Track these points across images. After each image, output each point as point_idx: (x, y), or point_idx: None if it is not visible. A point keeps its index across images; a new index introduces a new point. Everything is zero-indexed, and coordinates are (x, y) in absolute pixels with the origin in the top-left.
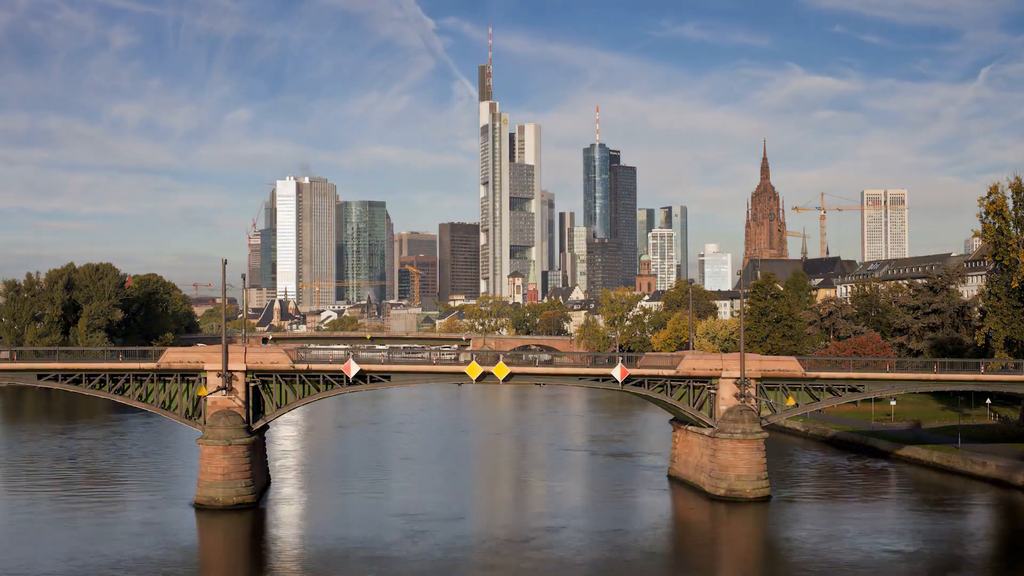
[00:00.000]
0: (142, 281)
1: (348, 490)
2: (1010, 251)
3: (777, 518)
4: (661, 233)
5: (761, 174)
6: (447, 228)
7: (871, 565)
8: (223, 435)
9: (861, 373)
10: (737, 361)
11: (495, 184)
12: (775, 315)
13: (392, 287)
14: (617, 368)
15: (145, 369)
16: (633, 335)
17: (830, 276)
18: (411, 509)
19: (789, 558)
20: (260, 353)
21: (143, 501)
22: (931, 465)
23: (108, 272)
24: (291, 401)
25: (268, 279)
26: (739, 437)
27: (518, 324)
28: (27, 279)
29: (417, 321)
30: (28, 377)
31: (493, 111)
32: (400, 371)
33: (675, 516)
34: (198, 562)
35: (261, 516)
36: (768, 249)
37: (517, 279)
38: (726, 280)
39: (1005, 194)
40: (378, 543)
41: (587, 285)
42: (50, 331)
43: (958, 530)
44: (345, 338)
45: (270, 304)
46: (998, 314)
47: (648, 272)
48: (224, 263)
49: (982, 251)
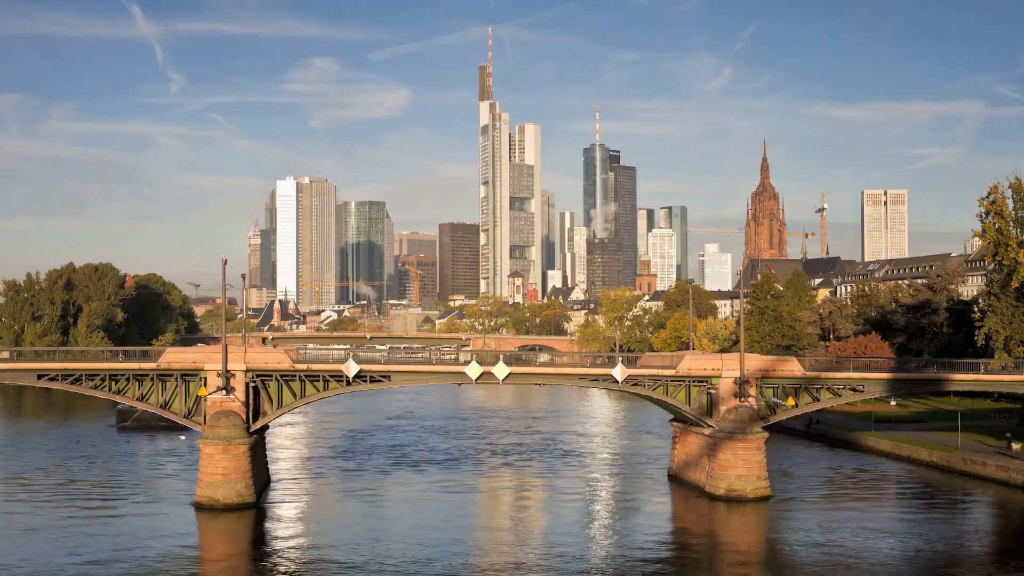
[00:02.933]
0: (142, 281)
1: (348, 490)
2: (1010, 251)
3: (777, 518)
4: (661, 233)
5: (761, 174)
6: (447, 228)
7: (871, 565)
8: (223, 435)
9: (861, 373)
10: (737, 361)
11: (495, 184)
12: (775, 315)
13: (392, 287)
14: (617, 368)
15: (145, 369)
16: (633, 335)
17: (830, 276)
18: (410, 509)
19: (789, 558)
20: (260, 353)
21: (143, 501)
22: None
23: (108, 272)
24: (291, 401)
25: (268, 279)
26: (739, 437)
27: (518, 324)
28: (27, 279)
29: (417, 321)
30: (28, 377)
31: (493, 111)
32: (400, 371)
33: (675, 516)
34: (198, 562)
35: (261, 516)
36: (768, 249)
37: (517, 279)
38: (726, 280)
39: (1005, 194)
40: (378, 543)
41: (587, 285)
42: (50, 331)
43: (958, 529)
44: (345, 338)
45: (270, 304)
46: (998, 314)
47: (648, 272)
48: (224, 263)
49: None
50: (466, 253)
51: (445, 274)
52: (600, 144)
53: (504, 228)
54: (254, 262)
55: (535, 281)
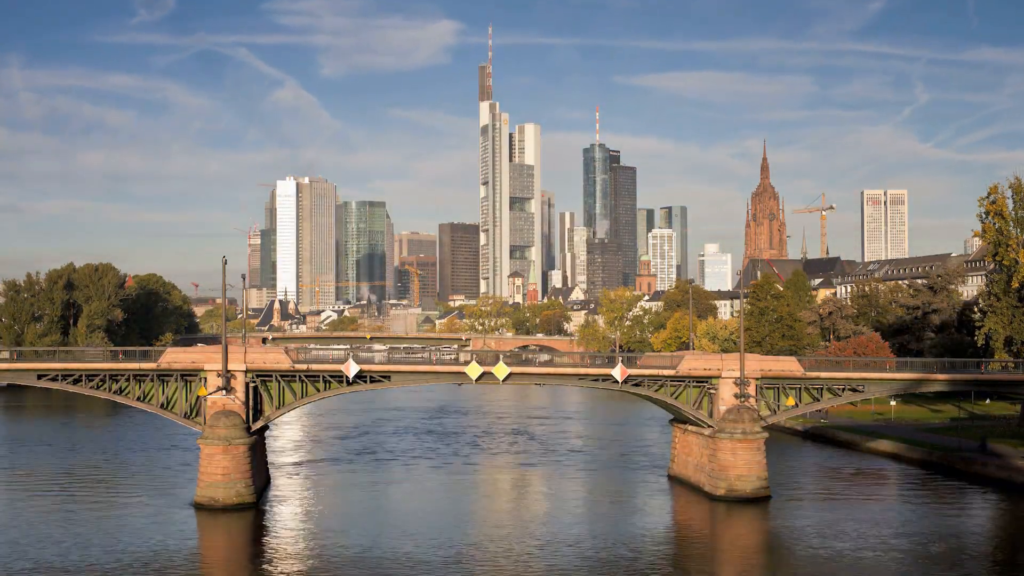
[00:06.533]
0: (142, 281)
1: (348, 490)
2: (1010, 251)
3: (777, 518)
4: (661, 233)
5: (761, 174)
6: (447, 228)
7: (872, 564)
8: (223, 435)
9: (861, 373)
10: (737, 361)
11: (495, 184)
12: (775, 315)
13: (392, 287)
14: (617, 368)
15: (145, 369)
16: (633, 335)
17: (830, 276)
18: (410, 509)
19: (789, 558)
20: (260, 353)
21: (143, 501)
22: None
23: (108, 272)
24: (291, 401)
25: (268, 279)
26: (739, 437)
27: (518, 324)
28: (27, 279)
29: (417, 321)
30: (28, 377)
31: (493, 111)
32: (400, 371)
33: (675, 516)
34: (198, 562)
35: (261, 516)
36: (768, 249)
37: (517, 279)
38: (726, 280)
39: (1005, 194)
40: (378, 543)
41: (587, 285)
42: (50, 331)
43: (957, 528)
44: (345, 338)
45: (270, 304)
46: (998, 314)
47: (648, 272)
48: (224, 263)
49: (982, 251)
50: (466, 253)
51: (445, 274)
52: (600, 144)
53: (504, 228)
54: (254, 262)
55: (535, 281)
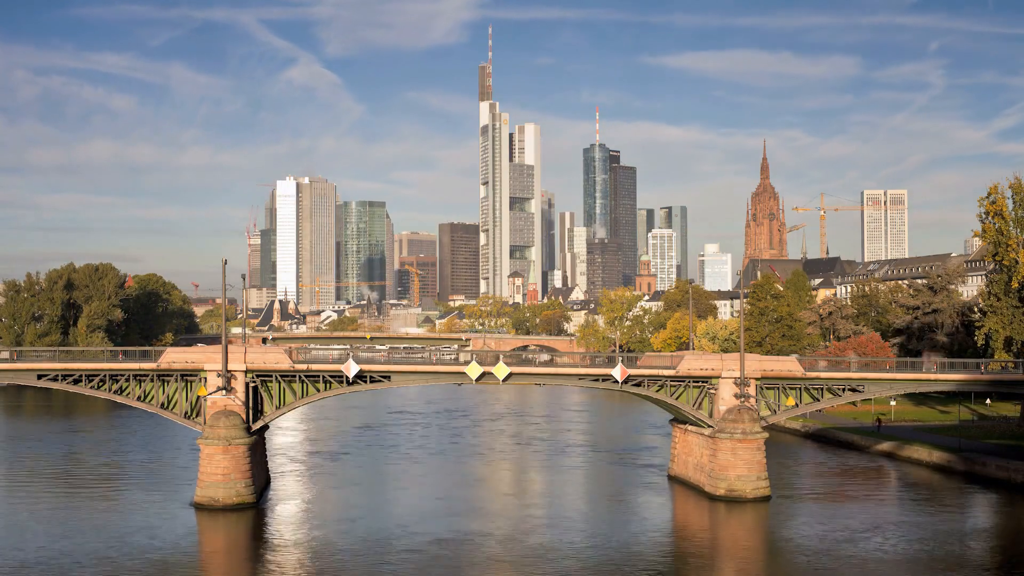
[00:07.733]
0: (142, 281)
1: (348, 490)
2: (1010, 251)
3: (777, 518)
4: (661, 233)
5: (761, 174)
6: (447, 228)
7: (872, 564)
8: (223, 435)
9: (861, 373)
10: (737, 361)
11: (495, 184)
12: (775, 315)
13: (392, 287)
14: (617, 368)
15: (145, 369)
16: (633, 335)
17: (830, 276)
18: (410, 508)
19: (789, 558)
20: (260, 353)
21: (143, 501)
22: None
23: (108, 272)
24: (291, 401)
25: (268, 279)
26: (739, 437)
27: (518, 324)
28: (27, 279)
29: (417, 321)
30: (28, 377)
31: (493, 111)
32: (400, 371)
33: (675, 516)
34: (198, 562)
35: (261, 516)
36: (768, 249)
37: (517, 279)
38: (726, 280)
39: (1005, 194)
40: (378, 543)
41: (587, 285)
42: (50, 331)
43: (957, 528)
44: (345, 338)
45: (270, 304)
46: (998, 314)
47: (648, 272)
48: (224, 263)
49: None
50: (466, 253)
51: (445, 274)
52: (600, 144)
53: (504, 228)
54: (254, 262)
55: (535, 281)
